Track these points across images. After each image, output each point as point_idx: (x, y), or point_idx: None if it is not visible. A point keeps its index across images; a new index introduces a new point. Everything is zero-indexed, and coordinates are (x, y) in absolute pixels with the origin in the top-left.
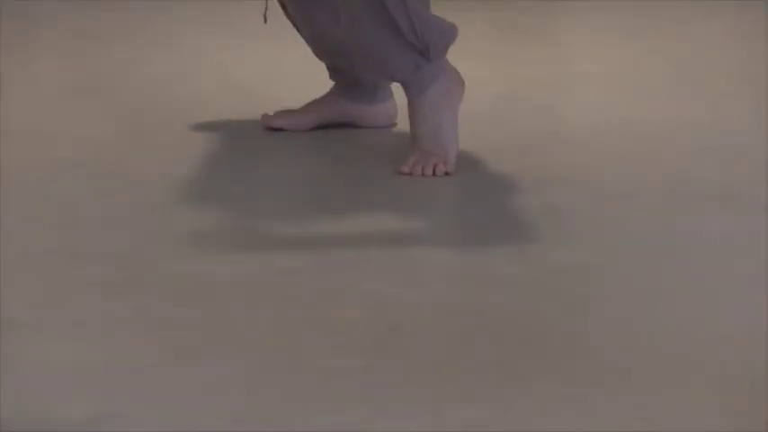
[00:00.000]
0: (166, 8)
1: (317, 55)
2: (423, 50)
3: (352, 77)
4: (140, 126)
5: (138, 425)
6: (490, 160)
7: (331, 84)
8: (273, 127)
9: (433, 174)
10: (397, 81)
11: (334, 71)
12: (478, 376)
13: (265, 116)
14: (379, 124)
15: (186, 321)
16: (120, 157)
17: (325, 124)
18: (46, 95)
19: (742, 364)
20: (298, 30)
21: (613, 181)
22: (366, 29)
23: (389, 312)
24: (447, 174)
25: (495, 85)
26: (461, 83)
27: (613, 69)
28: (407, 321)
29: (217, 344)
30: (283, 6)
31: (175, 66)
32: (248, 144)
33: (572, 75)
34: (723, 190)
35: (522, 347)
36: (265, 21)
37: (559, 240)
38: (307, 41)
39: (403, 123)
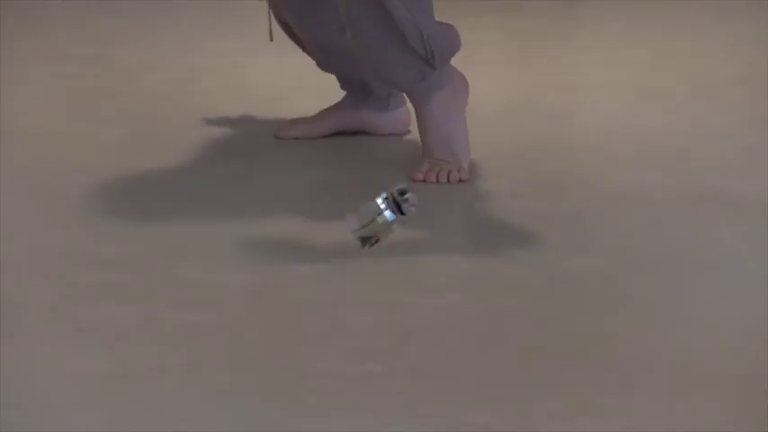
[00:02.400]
0: (178, 13)
1: (323, 68)
2: (429, 59)
3: (362, 86)
4: (152, 130)
5: None
6: (504, 166)
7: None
8: (287, 137)
9: (447, 181)
10: (402, 90)
11: (344, 81)
12: (493, 382)
13: (279, 129)
14: (393, 131)
15: (199, 327)
16: (132, 160)
17: (338, 132)
18: (58, 98)
19: (745, 366)
20: (302, 47)
21: (627, 187)
22: (372, 38)
23: (403, 319)
24: (461, 181)
25: (509, 90)
26: (466, 85)
27: (628, 75)
28: (421, 328)
29: (230, 350)
30: (286, 25)
31: (187, 70)
32: (260, 150)
33: (586, 80)
34: (738, 196)
35: (536, 353)
36: (271, 39)
37: (573, 246)
38: (312, 56)
39: (416, 131)
